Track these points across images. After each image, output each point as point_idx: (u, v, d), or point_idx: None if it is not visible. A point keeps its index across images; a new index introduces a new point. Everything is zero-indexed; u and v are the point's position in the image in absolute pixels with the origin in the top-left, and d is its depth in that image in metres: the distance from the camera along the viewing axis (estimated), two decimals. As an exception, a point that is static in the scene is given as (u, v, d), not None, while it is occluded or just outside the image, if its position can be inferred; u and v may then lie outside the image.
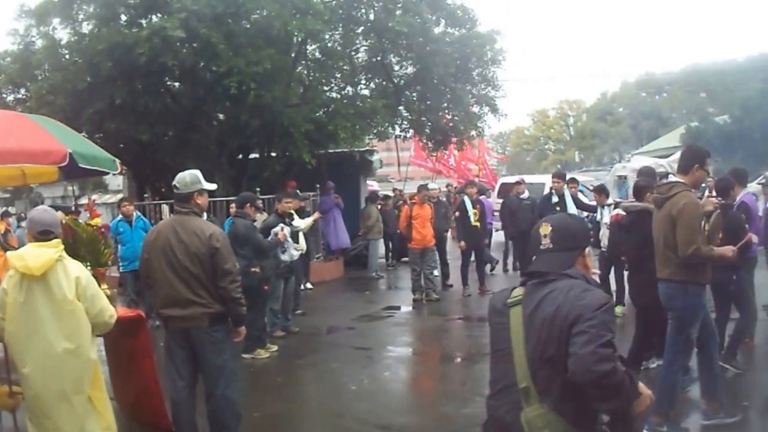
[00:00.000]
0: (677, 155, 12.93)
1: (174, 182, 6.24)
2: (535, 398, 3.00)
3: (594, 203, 12.87)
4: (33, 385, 5.21)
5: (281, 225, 11.04)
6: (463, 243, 14.60)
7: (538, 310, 3.09)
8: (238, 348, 8.03)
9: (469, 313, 13.41)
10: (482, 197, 16.90)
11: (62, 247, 5.36)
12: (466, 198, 14.73)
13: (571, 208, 13.06)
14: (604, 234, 11.37)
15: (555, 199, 13.55)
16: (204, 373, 6.11)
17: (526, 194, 16.47)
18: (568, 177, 14.53)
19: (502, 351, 3.20)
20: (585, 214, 12.93)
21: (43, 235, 5.33)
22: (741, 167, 10.50)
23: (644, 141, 67.69)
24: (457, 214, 14.95)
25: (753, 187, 17.83)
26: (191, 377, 6.15)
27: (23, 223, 18.79)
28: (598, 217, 12.09)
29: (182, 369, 6.09)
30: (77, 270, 5.36)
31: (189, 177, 6.24)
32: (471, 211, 14.40)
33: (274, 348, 10.46)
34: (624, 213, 8.76)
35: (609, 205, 11.97)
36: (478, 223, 14.56)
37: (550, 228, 3.31)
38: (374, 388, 8.96)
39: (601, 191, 12.53)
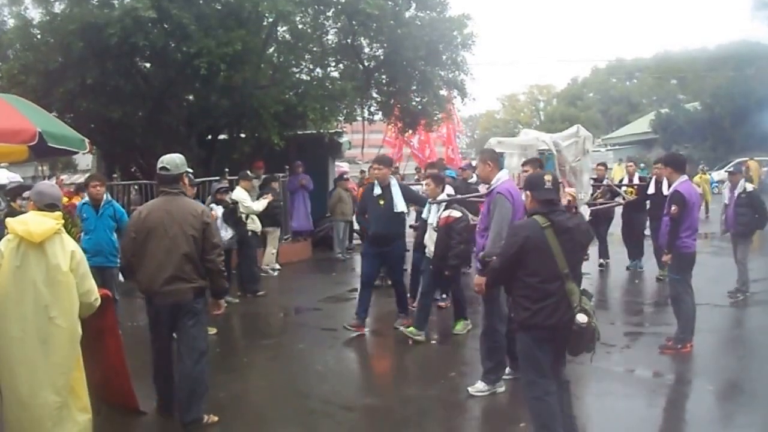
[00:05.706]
0: (568, 131, 11.86)
1: (163, 164, 6.44)
2: (570, 278, 5.33)
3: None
4: (16, 352, 5.25)
5: (211, 205, 11.18)
6: None
7: (566, 228, 5.43)
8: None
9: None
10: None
11: (63, 221, 5.52)
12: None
13: (398, 200, 10.21)
14: None
15: (378, 191, 10.31)
16: (181, 344, 6.47)
17: (474, 179, 15.84)
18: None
19: (545, 257, 5.35)
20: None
21: (49, 207, 5.50)
22: (679, 153, 10.21)
23: (614, 126, 68.42)
24: None
25: (721, 174, 17.99)
26: (170, 352, 6.59)
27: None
28: None
29: (165, 345, 6.58)
30: (73, 245, 5.51)
31: (178, 159, 6.53)
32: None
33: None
34: None
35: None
36: None
37: (550, 176, 5.63)
38: (339, 368, 9.12)
39: None
